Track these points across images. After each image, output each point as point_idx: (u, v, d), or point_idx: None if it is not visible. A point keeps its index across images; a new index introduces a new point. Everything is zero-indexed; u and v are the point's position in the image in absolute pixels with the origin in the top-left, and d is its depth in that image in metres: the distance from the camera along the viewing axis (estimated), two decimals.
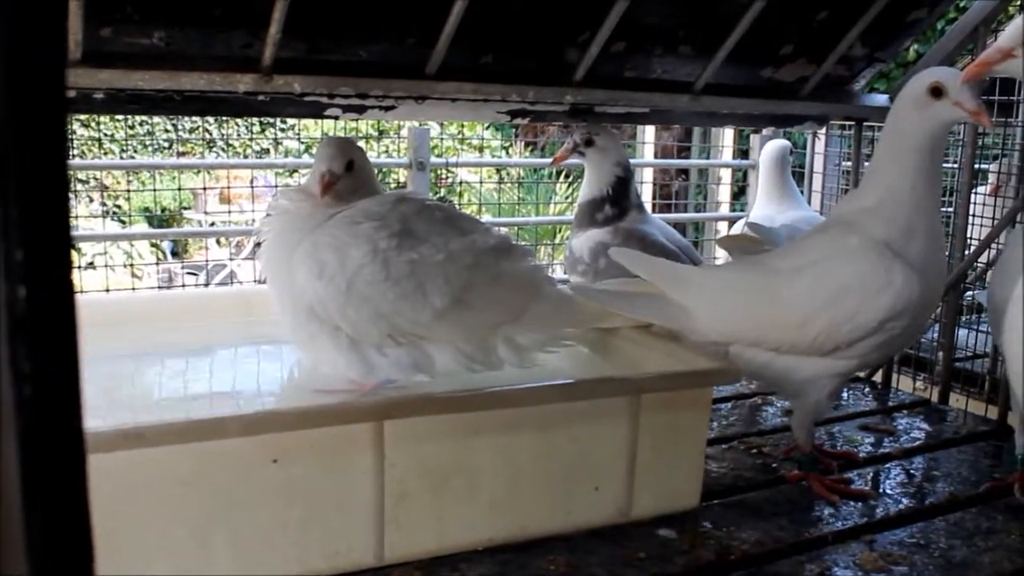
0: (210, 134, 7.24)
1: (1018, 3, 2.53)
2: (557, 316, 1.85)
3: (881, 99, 2.81)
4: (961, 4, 3.45)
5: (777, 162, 2.91)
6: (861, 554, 1.57)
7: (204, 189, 5.32)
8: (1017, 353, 1.53)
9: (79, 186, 6.36)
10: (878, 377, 2.59)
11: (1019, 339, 1.47)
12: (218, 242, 6.55)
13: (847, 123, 3.09)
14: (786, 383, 1.80)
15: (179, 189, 5.02)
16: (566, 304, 1.88)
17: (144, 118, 7.37)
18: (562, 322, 1.87)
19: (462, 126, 6.08)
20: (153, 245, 6.94)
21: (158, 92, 1.98)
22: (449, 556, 1.50)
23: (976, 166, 2.59)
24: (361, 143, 4.66)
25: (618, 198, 2.42)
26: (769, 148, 2.99)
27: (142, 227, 6.54)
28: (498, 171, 6.81)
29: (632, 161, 4.63)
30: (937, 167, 1.73)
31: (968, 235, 2.48)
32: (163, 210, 6.70)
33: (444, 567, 1.48)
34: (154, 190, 4.46)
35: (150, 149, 7.05)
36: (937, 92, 1.63)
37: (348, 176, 1.82)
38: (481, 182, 6.41)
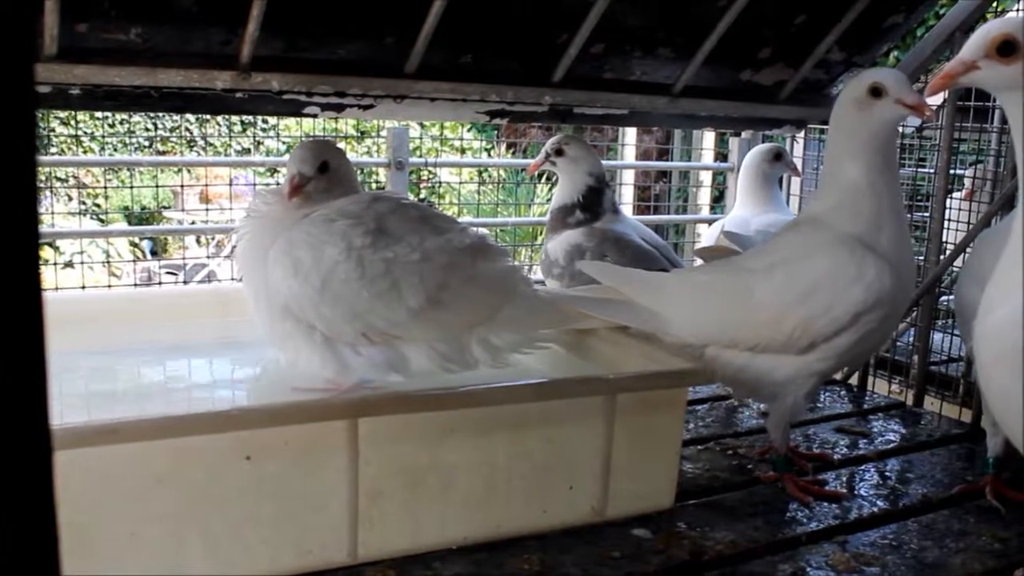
0: (190, 133, 7.22)
1: (995, 9, 2.55)
2: (533, 316, 1.85)
3: None
4: (940, 11, 3.48)
5: (759, 165, 2.88)
6: (834, 555, 1.58)
7: (183, 187, 5.30)
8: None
9: (57, 184, 6.32)
10: (854, 380, 2.60)
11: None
12: (198, 241, 6.53)
13: (825, 127, 3.10)
14: (763, 384, 1.81)
15: (158, 187, 5.00)
16: (542, 305, 1.88)
17: (123, 117, 7.36)
18: (538, 323, 1.87)
19: (443, 127, 6.07)
20: (132, 244, 6.91)
21: (135, 88, 1.97)
22: (423, 555, 1.50)
23: (952, 171, 2.61)
24: (342, 143, 4.66)
25: (589, 205, 2.43)
26: (754, 151, 2.97)
27: (121, 225, 6.49)
28: (479, 172, 6.81)
29: (613, 163, 4.63)
30: (891, 162, 1.76)
31: (943, 239, 2.50)
32: (142, 208, 6.66)
33: (418, 566, 1.47)
34: (131, 187, 4.43)
35: (130, 147, 7.02)
36: (877, 92, 1.68)
37: (322, 178, 1.83)
38: (462, 183, 6.40)
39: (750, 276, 1.78)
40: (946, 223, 2.54)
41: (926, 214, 2.81)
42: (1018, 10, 3.35)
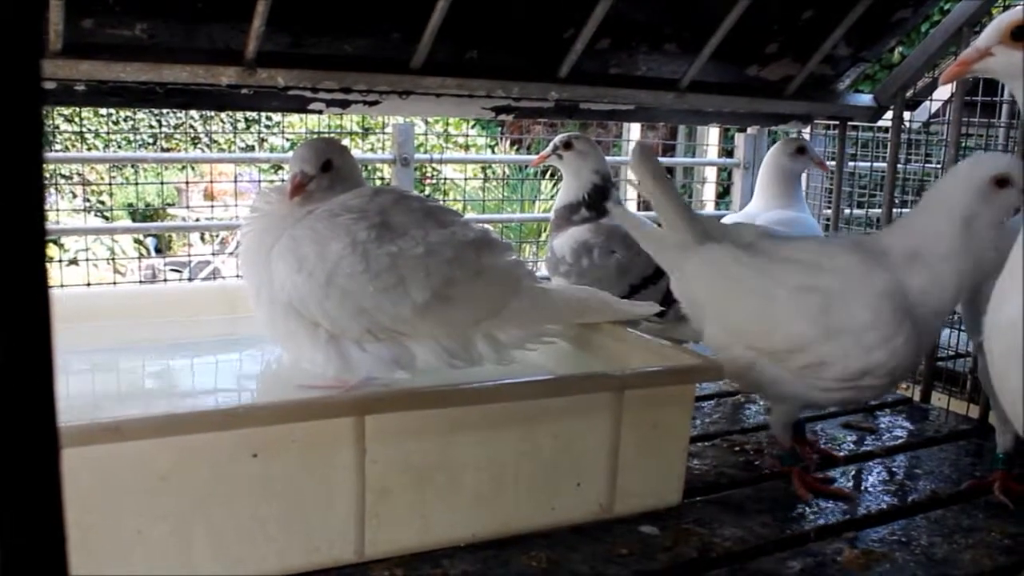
0: (194, 130, 7.22)
1: (1001, 5, 2.53)
2: (538, 311, 1.85)
3: (865, 99, 2.82)
4: (945, 6, 3.46)
5: (778, 159, 2.81)
6: (843, 551, 1.58)
7: (188, 184, 5.29)
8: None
9: (62, 181, 6.33)
10: None
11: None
12: (202, 238, 6.53)
13: (831, 122, 3.10)
14: (768, 389, 1.80)
15: (162, 184, 4.99)
16: (547, 299, 1.87)
17: (128, 113, 7.36)
18: (544, 318, 1.87)
19: (448, 123, 6.07)
20: (136, 241, 6.92)
21: (140, 84, 1.97)
22: (431, 552, 1.49)
23: None
24: (346, 140, 4.66)
25: (594, 203, 2.42)
26: (776, 144, 2.90)
27: (125, 222, 6.50)
28: (483, 169, 6.80)
29: (618, 159, 4.62)
30: (989, 249, 1.64)
31: None
32: (146, 205, 6.67)
33: (426, 564, 1.47)
34: (136, 184, 4.43)
35: (134, 144, 7.02)
36: (1003, 183, 1.60)
37: (324, 177, 1.82)
38: (466, 179, 6.40)
39: (777, 285, 1.71)
40: None
41: None
42: None
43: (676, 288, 1.88)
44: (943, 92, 2.61)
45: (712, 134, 4.28)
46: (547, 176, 6.50)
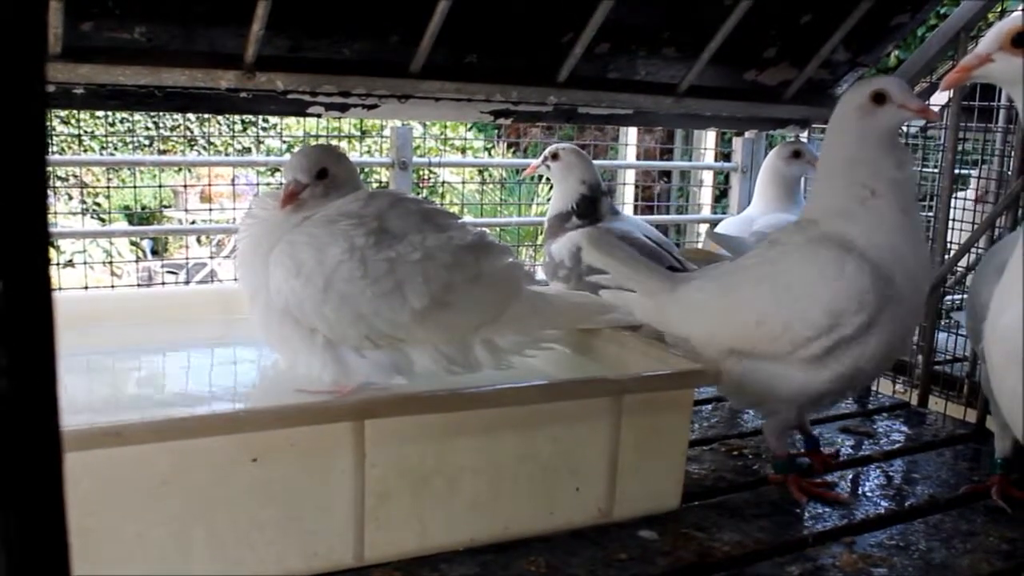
0: (191, 132, 7.21)
1: (998, 10, 2.54)
2: (537, 316, 1.85)
3: None
4: (942, 11, 3.47)
5: (774, 163, 2.81)
6: (841, 556, 1.58)
7: (185, 187, 5.28)
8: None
9: (58, 183, 6.32)
10: None
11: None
12: (199, 240, 6.52)
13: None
14: (763, 397, 1.81)
15: (160, 187, 4.99)
16: (546, 304, 1.87)
17: (125, 115, 7.35)
18: (543, 322, 1.87)
19: (445, 126, 6.06)
20: (133, 243, 6.90)
21: (139, 88, 1.97)
22: (430, 557, 1.49)
23: (956, 171, 2.60)
24: (343, 143, 4.65)
25: (584, 212, 2.44)
26: (774, 149, 2.90)
27: (122, 225, 6.48)
28: (480, 172, 6.81)
29: (614, 163, 4.62)
30: (902, 163, 1.73)
31: (948, 239, 2.49)
32: (143, 208, 6.65)
33: (425, 568, 1.47)
34: (135, 187, 4.42)
35: (130, 146, 7.01)
36: (880, 98, 1.68)
37: (319, 184, 1.81)
38: (464, 183, 6.40)
39: (738, 275, 1.81)
40: (951, 223, 2.53)
41: (930, 214, 2.80)
42: (1023, 10, 3.34)
43: (671, 330, 1.91)
44: (940, 97, 2.61)
45: (709, 138, 4.27)
46: (544, 179, 6.50)
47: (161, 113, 6.92)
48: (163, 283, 4.39)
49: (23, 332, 0.42)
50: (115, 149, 7.16)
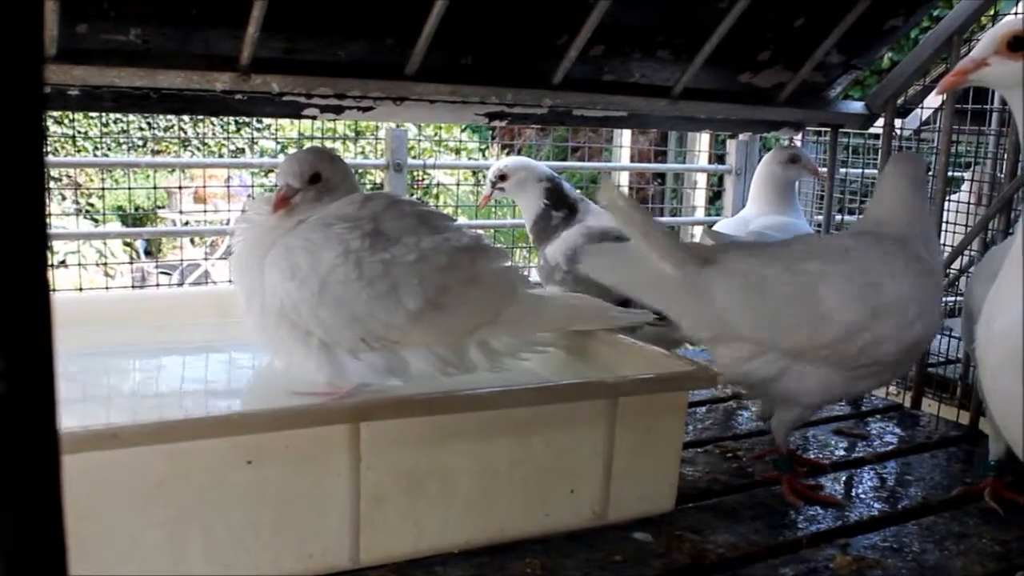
0: (185, 133, 7.19)
1: (991, 13, 2.55)
2: (533, 318, 1.85)
3: (856, 106, 2.83)
4: (935, 13, 3.48)
5: (770, 168, 2.80)
6: (835, 558, 1.58)
7: (179, 188, 5.28)
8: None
9: (52, 184, 6.30)
10: None
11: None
12: (192, 241, 6.51)
13: (822, 129, 3.10)
14: (786, 392, 1.78)
15: (154, 188, 4.98)
16: (542, 306, 1.88)
17: (119, 116, 7.33)
18: (538, 325, 1.87)
19: (439, 128, 6.06)
20: (126, 244, 6.89)
21: (134, 90, 1.96)
22: (425, 559, 1.49)
23: (949, 174, 2.61)
24: (338, 144, 4.64)
25: (558, 202, 2.42)
26: (769, 152, 2.90)
27: (115, 226, 6.48)
28: (475, 173, 6.81)
29: (608, 165, 4.63)
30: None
31: (942, 242, 2.50)
32: (137, 209, 6.65)
33: (420, 570, 1.47)
34: (129, 188, 4.42)
35: (124, 147, 7.00)
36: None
37: (311, 189, 1.81)
38: (458, 184, 6.40)
39: (812, 279, 1.70)
40: (944, 225, 2.54)
41: None
42: (1016, 12, 3.36)
43: (689, 319, 1.79)
44: (934, 100, 2.63)
45: (703, 140, 4.27)
46: None
47: (156, 114, 6.91)
48: (157, 284, 4.38)
49: (21, 334, 0.42)
50: (109, 150, 7.15)
